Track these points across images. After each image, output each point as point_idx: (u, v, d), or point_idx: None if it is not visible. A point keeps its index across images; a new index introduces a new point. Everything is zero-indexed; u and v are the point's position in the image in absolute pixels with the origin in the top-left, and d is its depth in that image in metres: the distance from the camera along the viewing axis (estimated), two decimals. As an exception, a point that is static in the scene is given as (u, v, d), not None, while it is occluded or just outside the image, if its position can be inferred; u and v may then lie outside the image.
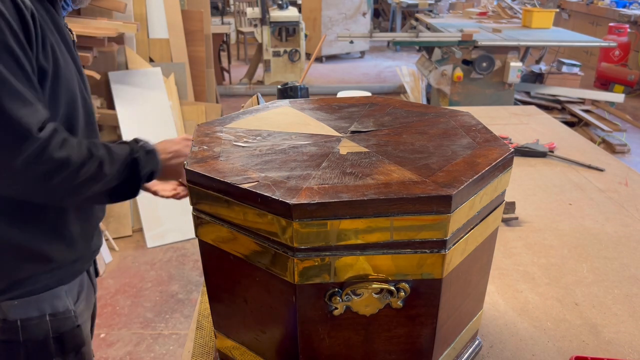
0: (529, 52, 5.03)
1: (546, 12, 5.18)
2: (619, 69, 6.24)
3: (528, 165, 1.85)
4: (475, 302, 0.94)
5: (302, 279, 0.72)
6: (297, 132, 0.93)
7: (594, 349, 1.02)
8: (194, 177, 0.79)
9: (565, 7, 8.11)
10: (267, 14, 6.11)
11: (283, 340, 0.81)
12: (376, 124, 0.98)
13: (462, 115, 1.02)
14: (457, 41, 4.37)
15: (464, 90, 4.51)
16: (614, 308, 1.13)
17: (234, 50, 8.26)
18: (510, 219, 1.47)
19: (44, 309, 1.05)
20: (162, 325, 2.56)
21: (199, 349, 1.04)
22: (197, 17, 4.10)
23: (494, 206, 0.85)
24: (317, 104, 1.12)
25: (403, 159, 0.80)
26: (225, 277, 0.85)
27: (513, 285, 1.21)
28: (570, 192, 1.66)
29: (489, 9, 6.47)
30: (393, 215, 0.69)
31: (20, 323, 1.03)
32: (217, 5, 8.73)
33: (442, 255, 0.72)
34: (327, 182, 0.72)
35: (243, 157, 0.82)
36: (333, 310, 0.75)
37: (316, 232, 0.69)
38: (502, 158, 0.81)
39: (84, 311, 1.15)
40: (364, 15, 8.14)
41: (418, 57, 5.64)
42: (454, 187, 0.70)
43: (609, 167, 1.83)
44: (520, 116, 2.38)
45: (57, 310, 1.06)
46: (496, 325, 1.08)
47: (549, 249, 1.35)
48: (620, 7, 7.07)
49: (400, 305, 0.75)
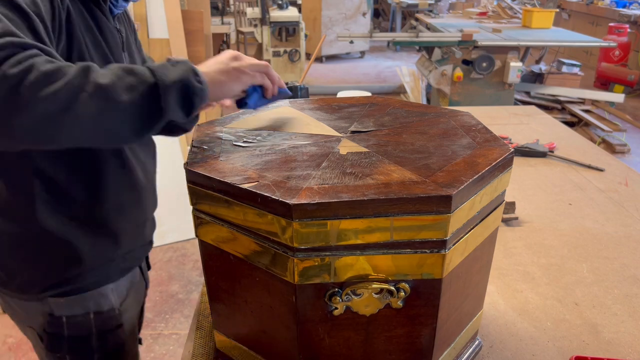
0: (529, 52, 5.03)
1: (546, 12, 5.18)
2: (619, 69, 6.24)
3: (528, 165, 1.85)
4: (475, 302, 0.94)
5: (302, 279, 0.72)
6: (297, 132, 0.93)
7: (594, 349, 1.02)
8: (194, 177, 0.79)
9: (565, 7, 8.11)
10: (267, 14, 6.11)
11: (283, 340, 0.81)
12: (376, 124, 0.98)
13: (462, 115, 1.02)
14: (457, 41, 4.37)
15: (464, 90, 4.51)
16: (614, 308, 1.13)
17: (234, 50, 8.25)
18: (510, 219, 1.47)
19: (89, 307, 1.05)
20: (162, 325, 2.56)
21: (199, 349, 1.04)
22: (197, 17, 4.11)
23: (494, 206, 0.85)
24: (317, 104, 1.12)
25: (403, 159, 0.80)
26: (225, 277, 0.85)
27: (513, 285, 1.21)
28: (570, 192, 1.65)
29: (489, 9, 6.47)
30: (393, 215, 0.69)
31: (66, 319, 1.04)
32: (217, 5, 8.73)
33: (442, 255, 0.72)
34: (327, 182, 0.72)
35: (243, 157, 0.82)
36: (333, 310, 0.75)
37: (316, 232, 0.69)
38: (502, 158, 0.81)
39: (130, 308, 1.15)
40: (364, 15, 8.14)
41: (418, 57, 5.64)
42: (454, 187, 0.70)
43: (609, 167, 1.83)
44: (520, 116, 2.38)
45: (101, 309, 1.06)
46: (496, 325, 1.08)
47: (549, 249, 1.35)
48: (620, 7, 7.07)
49: (400, 305, 0.75)
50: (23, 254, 1.00)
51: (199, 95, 0.79)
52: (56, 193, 0.95)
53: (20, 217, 0.96)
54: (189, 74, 0.78)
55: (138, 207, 1.09)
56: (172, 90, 0.75)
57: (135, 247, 1.11)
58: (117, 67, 0.75)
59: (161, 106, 0.75)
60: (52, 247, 0.98)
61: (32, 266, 1.00)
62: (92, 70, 0.72)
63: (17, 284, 1.02)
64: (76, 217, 0.98)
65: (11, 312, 1.11)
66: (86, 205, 0.99)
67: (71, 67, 0.71)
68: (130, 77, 0.74)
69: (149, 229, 1.18)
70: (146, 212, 1.14)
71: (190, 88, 0.77)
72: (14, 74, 0.67)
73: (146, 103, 0.74)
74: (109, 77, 0.72)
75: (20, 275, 1.01)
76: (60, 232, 0.97)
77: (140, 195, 1.09)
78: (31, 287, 1.01)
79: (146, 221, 1.15)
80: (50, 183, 0.94)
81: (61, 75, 0.69)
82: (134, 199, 1.07)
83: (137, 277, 1.18)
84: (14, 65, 0.67)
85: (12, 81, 0.67)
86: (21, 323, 1.12)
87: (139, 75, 0.74)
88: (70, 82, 0.69)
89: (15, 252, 1.00)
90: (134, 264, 1.13)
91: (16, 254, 1.00)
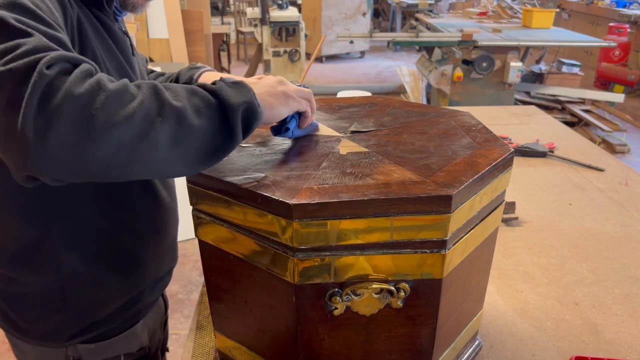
0: (529, 52, 5.03)
1: (546, 12, 5.18)
2: (619, 69, 6.24)
3: (528, 165, 1.85)
4: (475, 302, 0.94)
5: (302, 279, 0.72)
6: (297, 132, 0.93)
7: (594, 349, 1.02)
8: (193, 177, 0.79)
9: (565, 7, 8.11)
10: (267, 14, 6.11)
11: (283, 340, 0.81)
12: (376, 124, 0.98)
13: (462, 115, 1.02)
14: (457, 41, 4.37)
15: (464, 90, 4.51)
16: (614, 308, 1.13)
17: (234, 50, 8.26)
18: (510, 219, 1.47)
19: (119, 350, 1.00)
20: (162, 325, 2.56)
21: (199, 349, 1.04)
22: (197, 17, 4.11)
23: (494, 206, 0.85)
24: (317, 104, 1.12)
25: (403, 159, 0.80)
26: (225, 277, 0.85)
27: (513, 285, 1.21)
28: (570, 192, 1.66)
29: (489, 9, 6.47)
30: (393, 215, 0.69)
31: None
32: (217, 5, 8.73)
33: (442, 255, 0.72)
34: (327, 182, 0.72)
35: (243, 157, 0.82)
36: (333, 310, 0.75)
37: (316, 232, 0.69)
38: (502, 158, 0.81)
39: (154, 335, 1.10)
40: (364, 15, 8.14)
41: (418, 57, 5.64)
42: (454, 187, 0.70)
43: (609, 167, 1.83)
44: (520, 116, 2.38)
45: (131, 351, 1.02)
46: (496, 325, 1.08)
47: (549, 249, 1.35)
48: (620, 7, 7.07)
49: (400, 305, 0.75)
50: (46, 301, 0.91)
51: (258, 119, 0.74)
52: (79, 230, 0.88)
53: (42, 262, 0.88)
54: (252, 97, 0.72)
55: (164, 229, 1.03)
56: (239, 113, 0.69)
57: (162, 273, 1.06)
58: (181, 87, 0.68)
59: (232, 130, 0.69)
60: (79, 289, 0.91)
61: (57, 313, 0.92)
62: (161, 90, 0.64)
63: (40, 333, 0.94)
64: (100, 252, 0.91)
65: (21, 356, 1.03)
66: (111, 237, 0.92)
67: (140, 87, 0.63)
68: (195, 98, 0.67)
69: (174, 250, 1.10)
70: (172, 232, 1.06)
71: (253, 111, 0.72)
72: (82, 93, 0.57)
73: (217, 128, 0.68)
74: (179, 99, 0.65)
75: (44, 323, 0.93)
76: (86, 272, 0.90)
77: (165, 215, 1.02)
78: (57, 335, 0.94)
79: (172, 242, 1.08)
80: (74, 219, 0.88)
81: (132, 95, 0.61)
82: (159, 221, 1.00)
83: (162, 306, 1.13)
84: (78, 83, 0.57)
85: (82, 101, 0.57)
86: None
87: (203, 97, 0.68)
88: (146, 104, 0.61)
89: (37, 300, 0.92)
90: (159, 292, 1.07)
91: (37, 301, 0.92)
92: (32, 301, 0.92)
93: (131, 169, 0.62)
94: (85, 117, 0.56)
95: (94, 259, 0.91)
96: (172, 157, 0.64)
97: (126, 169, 0.62)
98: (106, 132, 0.57)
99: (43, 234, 0.87)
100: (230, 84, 0.72)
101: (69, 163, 0.58)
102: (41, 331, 0.95)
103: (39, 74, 0.56)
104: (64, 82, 0.56)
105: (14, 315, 0.95)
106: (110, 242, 0.92)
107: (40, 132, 0.55)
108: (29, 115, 0.55)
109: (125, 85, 0.62)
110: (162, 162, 0.64)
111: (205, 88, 0.70)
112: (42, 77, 0.56)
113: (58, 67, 0.58)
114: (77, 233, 0.89)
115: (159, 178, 0.85)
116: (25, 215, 0.86)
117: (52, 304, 0.92)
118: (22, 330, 0.96)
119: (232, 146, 0.71)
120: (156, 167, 0.64)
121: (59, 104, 0.55)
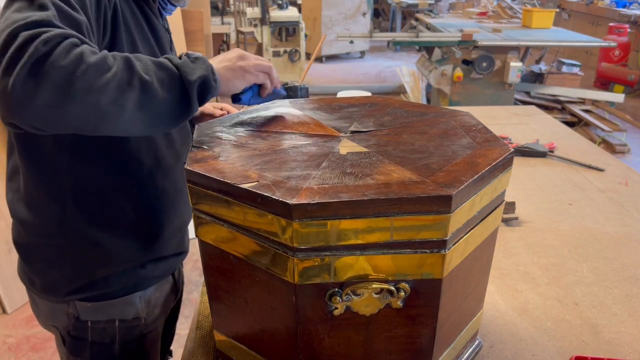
0: (529, 52, 5.04)
1: (546, 12, 5.19)
2: (619, 69, 6.24)
3: (528, 165, 1.85)
4: (475, 302, 0.94)
5: (302, 279, 0.72)
6: (297, 132, 0.93)
7: (594, 349, 1.02)
8: (193, 177, 0.79)
9: (565, 7, 8.11)
10: (267, 14, 6.11)
11: (283, 340, 0.81)
12: (376, 124, 0.98)
13: (462, 115, 1.02)
14: (457, 41, 4.37)
15: (464, 90, 4.51)
16: (614, 308, 1.13)
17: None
18: (510, 219, 1.47)
19: (114, 315, 1.04)
20: (162, 325, 2.56)
21: (199, 349, 1.04)
22: (197, 17, 4.11)
23: (494, 206, 0.85)
24: (317, 104, 1.12)
25: (403, 159, 0.80)
26: (225, 277, 0.85)
27: (513, 285, 1.21)
28: (570, 192, 1.66)
29: (489, 9, 6.47)
30: (393, 215, 0.69)
31: (90, 324, 1.03)
32: (217, 5, 8.73)
33: (442, 255, 0.72)
34: (327, 182, 0.72)
35: (243, 157, 0.82)
36: (333, 310, 0.75)
37: (316, 232, 0.69)
38: (502, 158, 0.81)
39: (158, 318, 1.12)
40: (364, 15, 8.14)
41: (418, 57, 5.64)
42: (454, 187, 0.70)
43: (609, 167, 1.83)
44: (520, 116, 2.38)
45: (126, 318, 1.05)
46: (496, 325, 1.08)
47: (549, 249, 1.35)
48: (620, 7, 7.07)
49: (400, 305, 0.75)
50: (50, 254, 0.99)
51: (212, 93, 0.84)
52: (89, 193, 0.95)
53: (50, 216, 0.96)
54: (208, 72, 0.83)
55: (173, 211, 1.07)
56: (195, 86, 0.81)
57: (167, 254, 1.09)
58: (149, 60, 0.79)
59: (189, 102, 0.81)
60: (80, 248, 0.97)
61: (59, 267, 0.99)
62: (133, 62, 0.76)
63: (43, 285, 1.02)
64: (107, 217, 0.97)
65: (36, 310, 1.11)
66: (119, 207, 0.98)
67: (116, 59, 0.75)
68: (162, 72, 0.78)
69: (185, 236, 1.14)
70: (183, 217, 1.11)
71: (207, 85, 0.83)
72: (66, 64, 0.69)
73: (177, 98, 0.80)
74: (147, 72, 0.77)
75: (47, 276, 1.00)
76: (89, 233, 0.96)
77: (175, 198, 1.06)
78: (57, 288, 1.01)
79: (182, 226, 1.12)
80: (84, 182, 0.94)
81: (108, 67, 0.73)
82: (166, 202, 1.05)
83: (167, 289, 1.15)
84: (64, 55, 0.69)
85: (66, 70, 0.69)
86: (45, 321, 1.11)
87: (168, 71, 0.79)
88: (118, 75, 0.73)
89: (43, 252, 0.99)
90: (165, 273, 1.10)
91: (43, 253, 1.00)
92: (38, 252, 1.01)
93: (101, 127, 0.75)
94: (67, 83, 0.69)
95: (98, 221, 0.97)
96: (137, 119, 0.77)
97: (97, 127, 0.75)
98: (83, 97, 0.70)
99: (53, 187, 0.95)
100: (192, 59, 0.83)
101: (49, 119, 0.71)
102: (44, 284, 1.02)
103: (35, 47, 0.68)
104: (52, 53, 0.69)
105: (26, 268, 1.04)
106: (118, 211, 0.99)
107: (28, 92, 0.68)
108: (19, 78, 0.67)
109: (104, 57, 0.73)
110: (127, 123, 0.76)
111: (172, 62, 0.81)
112: (36, 51, 0.68)
113: (52, 43, 0.69)
114: (85, 195, 0.95)
115: (125, 136, 0.94)
116: (35, 167, 0.94)
117: (54, 257, 0.99)
118: (31, 282, 1.04)
119: (189, 113, 0.83)
120: (122, 127, 0.77)
121: (46, 71, 0.68)
